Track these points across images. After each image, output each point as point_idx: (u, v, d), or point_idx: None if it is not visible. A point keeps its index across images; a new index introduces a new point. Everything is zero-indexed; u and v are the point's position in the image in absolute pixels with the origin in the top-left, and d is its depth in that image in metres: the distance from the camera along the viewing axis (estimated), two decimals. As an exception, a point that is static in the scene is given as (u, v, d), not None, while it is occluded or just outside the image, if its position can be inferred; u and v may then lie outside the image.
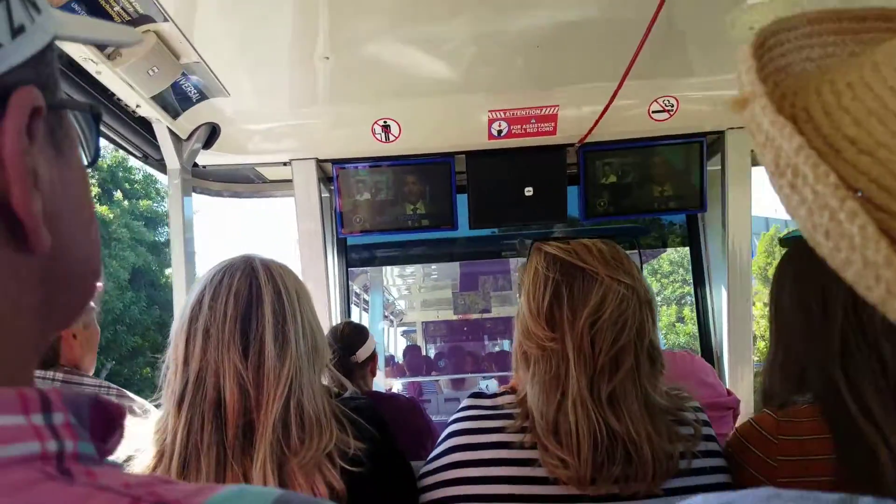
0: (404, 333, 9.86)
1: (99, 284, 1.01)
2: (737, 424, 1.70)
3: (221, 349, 0.96)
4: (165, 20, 1.50)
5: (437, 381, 5.92)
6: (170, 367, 1.01)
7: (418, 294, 8.13)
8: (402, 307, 8.92)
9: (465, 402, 1.14)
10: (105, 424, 0.34)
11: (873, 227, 0.29)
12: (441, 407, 5.16)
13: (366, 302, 6.25)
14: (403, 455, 1.15)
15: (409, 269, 6.70)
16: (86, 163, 0.38)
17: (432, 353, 7.36)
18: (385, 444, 1.08)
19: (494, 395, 1.13)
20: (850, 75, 0.36)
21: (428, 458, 1.13)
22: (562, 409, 0.99)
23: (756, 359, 2.54)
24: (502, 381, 5.93)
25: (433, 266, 6.52)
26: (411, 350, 7.03)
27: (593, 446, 0.96)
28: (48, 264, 0.34)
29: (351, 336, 2.11)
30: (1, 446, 0.27)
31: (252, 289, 1.01)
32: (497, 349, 7.83)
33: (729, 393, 1.76)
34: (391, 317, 8.72)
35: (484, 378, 6.01)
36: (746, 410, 2.03)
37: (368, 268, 4.98)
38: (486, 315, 7.51)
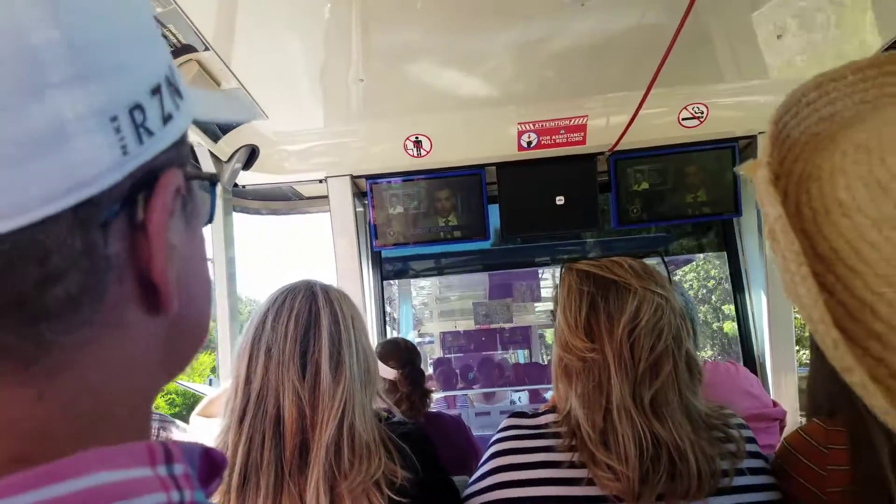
0: (419, 345, 9.80)
1: None
2: (784, 434, 1.67)
3: (281, 368, 1.00)
4: (206, 49, 1.57)
5: (467, 394, 5.85)
6: (232, 384, 1.05)
7: (435, 305, 8.11)
8: (420, 317, 8.87)
9: (505, 423, 1.14)
10: (209, 471, 0.37)
11: (815, 290, 0.35)
12: (472, 421, 5.12)
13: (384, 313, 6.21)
14: (450, 482, 1.16)
15: (427, 280, 6.69)
16: (203, 225, 0.42)
17: (452, 364, 7.28)
18: (431, 474, 1.09)
19: (536, 415, 1.14)
20: (861, 134, 0.39)
21: (471, 480, 1.14)
22: (607, 417, 1.00)
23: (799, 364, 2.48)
24: (533, 394, 5.85)
25: (453, 278, 6.50)
26: (440, 363, 6.88)
27: (639, 453, 0.96)
28: (173, 323, 0.37)
29: (412, 350, 2.11)
30: (136, 498, 0.29)
31: (311, 311, 1.05)
32: (525, 360, 7.75)
33: (775, 404, 1.72)
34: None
35: (515, 391, 5.93)
36: (792, 418, 2.00)
37: (395, 280, 5.00)
38: (507, 325, 7.44)
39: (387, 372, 1.93)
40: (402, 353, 2.03)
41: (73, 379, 0.31)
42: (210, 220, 0.42)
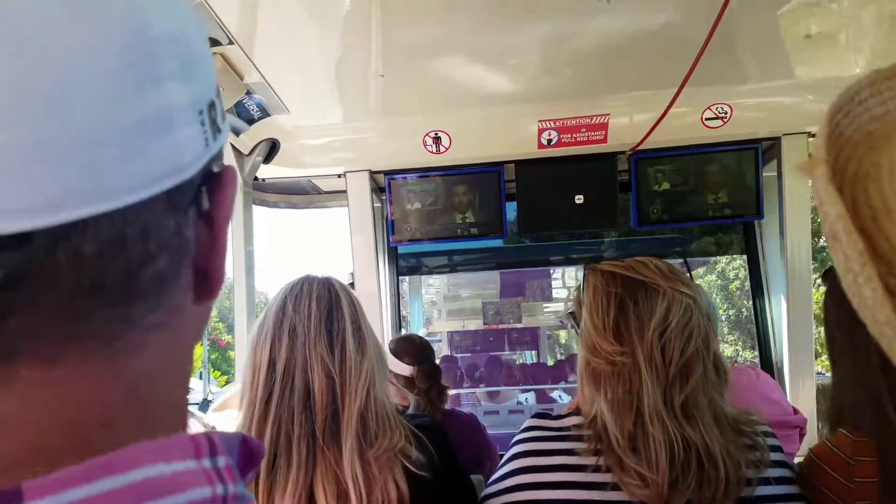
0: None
1: None
2: (805, 442, 1.66)
3: (308, 345, 1.05)
4: (231, 43, 1.58)
5: (475, 392, 5.86)
6: (247, 379, 1.08)
7: (444, 303, 8.09)
8: (428, 316, 8.88)
9: (528, 423, 1.13)
10: (247, 460, 0.37)
11: (881, 291, 0.33)
12: (481, 419, 5.09)
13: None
14: (466, 473, 1.19)
15: (436, 278, 6.69)
16: None
17: (461, 364, 7.27)
18: (446, 461, 1.12)
19: (559, 417, 1.12)
20: None
21: (491, 480, 1.13)
22: (638, 421, 0.99)
23: (818, 370, 2.45)
24: (539, 394, 5.84)
25: (463, 276, 6.49)
26: (446, 361, 6.87)
27: (670, 458, 0.95)
28: (202, 311, 0.39)
29: (427, 346, 2.10)
30: (182, 493, 0.30)
31: (331, 293, 1.12)
32: (532, 361, 7.74)
33: (795, 411, 1.71)
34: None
35: (522, 391, 5.92)
36: (810, 425, 1.97)
37: (407, 276, 5.01)
38: (515, 325, 7.43)
39: (402, 368, 1.93)
40: (417, 350, 2.03)
41: (142, 361, 0.33)
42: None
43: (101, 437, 0.30)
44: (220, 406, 1.92)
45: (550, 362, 7.62)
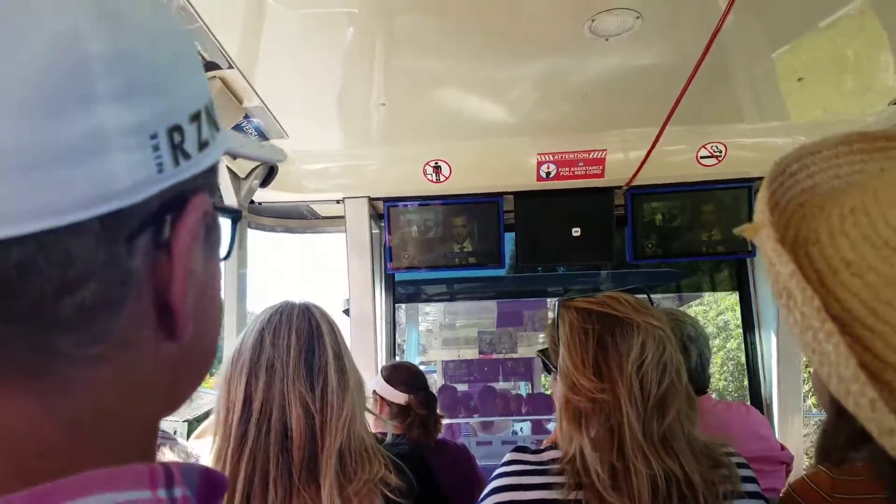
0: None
1: None
2: (789, 479, 1.65)
3: (287, 382, 1.01)
4: (230, 67, 1.60)
5: (469, 422, 5.80)
6: (221, 412, 1.04)
7: (440, 332, 8.05)
8: (424, 345, 8.81)
9: (508, 457, 1.13)
10: (209, 492, 0.36)
11: (844, 346, 0.33)
12: (473, 450, 5.03)
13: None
14: (446, 499, 1.18)
15: (431, 307, 6.67)
16: (221, 258, 0.42)
17: (455, 393, 7.19)
18: (425, 487, 1.12)
19: (539, 451, 1.12)
20: (855, 199, 0.40)
21: None
22: (620, 459, 0.99)
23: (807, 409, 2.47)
24: (536, 424, 5.80)
25: (459, 305, 6.47)
26: (444, 390, 6.76)
27: (652, 492, 0.96)
28: (183, 351, 0.37)
29: (422, 374, 2.09)
30: None
31: (311, 324, 1.07)
32: (528, 391, 7.68)
33: (783, 448, 1.71)
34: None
35: (516, 421, 5.87)
36: (797, 462, 1.97)
37: (403, 304, 4.99)
38: (510, 355, 7.39)
39: (396, 396, 1.92)
40: (413, 378, 2.01)
41: (81, 396, 0.31)
42: (227, 256, 0.42)
43: (43, 467, 0.29)
44: (200, 434, 1.90)
45: (547, 391, 7.56)
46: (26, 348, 0.29)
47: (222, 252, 0.41)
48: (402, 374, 2.01)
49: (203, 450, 1.42)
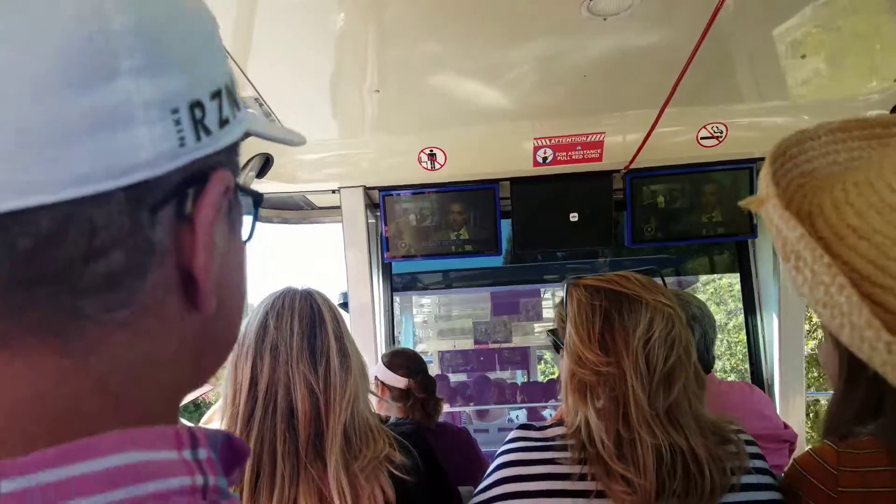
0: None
1: None
2: (794, 456, 1.66)
3: (291, 363, 1.04)
4: (224, 56, 1.57)
5: (465, 410, 5.87)
6: (229, 396, 1.07)
7: (435, 323, 8.10)
8: (419, 336, 8.88)
9: (513, 434, 1.15)
10: (231, 459, 0.37)
11: (857, 296, 0.35)
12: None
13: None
14: (448, 475, 1.22)
15: (426, 299, 6.70)
16: (244, 239, 0.43)
17: (452, 383, 7.27)
18: (429, 464, 1.15)
19: (543, 427, 1.14)
20: (858, 175, 0.42)
21: (477, 489, 1.14)
22: (625, 429, 1.00)
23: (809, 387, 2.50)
24: (531, 412, 5.86)
25: (454, 295, 6.51)
26: (438, 380, 6.90)
27: (657, 462, 0.97)
28: (206, 325, 0.38)
29: (421, 359, 2.13)
30: (162, 479, 0.30)
31: (313, 309, 1.10)
32: (524, 380, 7.74)
33: (786, 426, 1.72)
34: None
35: (512, 409, 5.94)
36: (799, 440, 1.98)
37: (399, 293, 5.00)
38: (505, 345, 7.45)
39: (397, 380, 1.97)
40: (412, 362, 2.06)
41: (108, 358, 0.32)
42: (250, 238, 0.43)
43: (73, 425, 0.30)
44: (208, 419, 1.92)
45: (543, 380, 7.61)
46: (57, 310, 0.30)
47: (244, 234, 0.42)
48: (402, 360, 2.06)
49: None
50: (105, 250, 0.30)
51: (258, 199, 0.43)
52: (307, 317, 1.09)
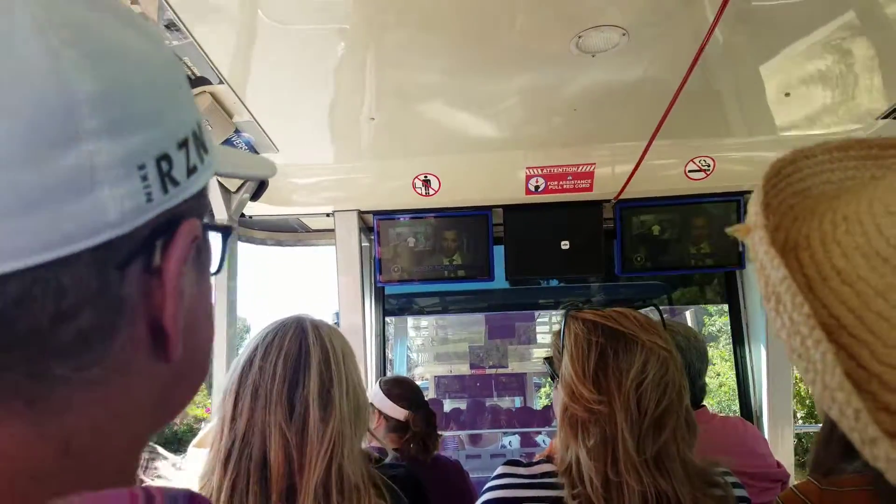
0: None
1: None
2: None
3: (269, 409, 0.99)
4: (221, 82, 1.61)
5: (458, 435, 5.79)
6: (217, 423, 1.03)
7: (431, 347, 8.04)
8: (414, 360, 8.78)
9: (500, 470, 1.14)
10: None
11: (832, 354, 0.33)
12: (463, 463, 5.01)
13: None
14: None
15: (423, 322, 6.64)
16: (212, 273, 0.43)
17: (446, 408, 7.20)
18: None
19: (531, 464, 1.13)
20: (848, 207, 0.40)
21: None
22: (614, 473, 1.00)
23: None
24: (524, 437, 5.80)
25: (450, 318, 6.47)
26: (431, 404, 6.80)
27: None
28: (174, 371, 0.38)
29: (420, 391, 2.07)
30: None
31: (301, 349, 1.04)
32: (518, 406, 7.68)
33: (779, 465, 1.71)
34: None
35: (505, 434, 5.87)
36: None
37: (393, 318, 4.98)
38: (501, 370, 7.39)
39: (395, 411, 1.91)
40: (413, 394, 2.00)
41: (75, 418, 0.32)
42: (218, 271, 0.43)
43: (32, 489, 0.30)
44: (200, 442, 1.89)
45: (539, 406, 7.56)
46: (24, 374, 0.30)
47: (213, 267, 0.42)
48: (403, 390, 2.00)
49: (201, 458, 1.41)
50: (74, 311, 0.30)
51: (227, 233, 0.43)
52: (293, 358, 1.03)
